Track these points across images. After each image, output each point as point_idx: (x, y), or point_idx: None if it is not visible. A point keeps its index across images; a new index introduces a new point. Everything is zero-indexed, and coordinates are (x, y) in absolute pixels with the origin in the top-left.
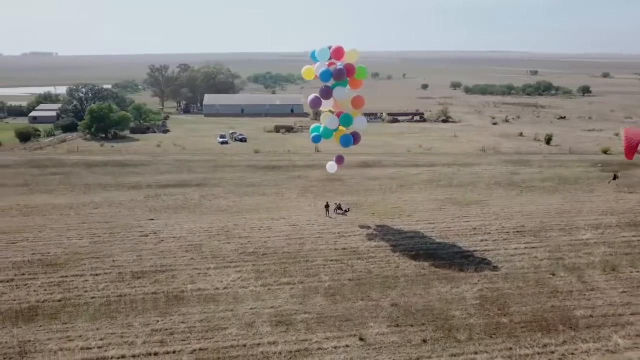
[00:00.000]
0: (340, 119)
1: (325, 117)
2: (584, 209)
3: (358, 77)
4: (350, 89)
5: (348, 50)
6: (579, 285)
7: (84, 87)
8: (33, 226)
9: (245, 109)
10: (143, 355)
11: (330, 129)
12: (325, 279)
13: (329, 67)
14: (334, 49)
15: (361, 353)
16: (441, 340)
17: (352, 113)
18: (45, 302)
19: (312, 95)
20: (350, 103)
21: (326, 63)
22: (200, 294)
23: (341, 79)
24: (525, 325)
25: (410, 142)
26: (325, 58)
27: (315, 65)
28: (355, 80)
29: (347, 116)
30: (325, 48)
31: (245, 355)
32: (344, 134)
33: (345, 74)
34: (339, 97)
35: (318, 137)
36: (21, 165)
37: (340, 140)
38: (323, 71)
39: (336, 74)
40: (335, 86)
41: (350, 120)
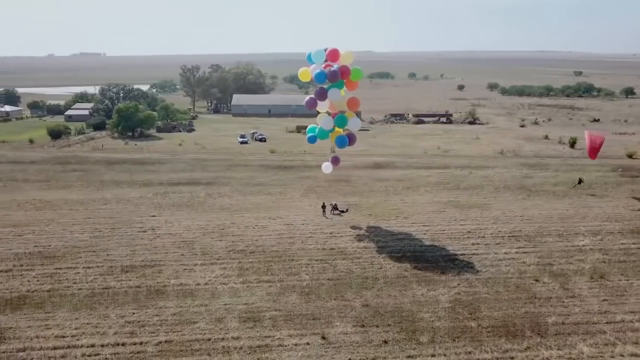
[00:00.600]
0: (335, 120)
1: (320, 118)
2: (589, 215)
3: (353, 78)
4: (348, 91)
5: (343, 53)
6: (560, 292)
7: (115, 87)
8: (42, 220)
9: (272, 109)
10: (111, 345)
11: (326, 130)
12: (305, 278)
13: (325, 69)
14: (330, 51)
15: (319, 351)
16: (402, 341)
17: (347, 114)
18: (35, 292)
19: (307, 96)
20: (346, 104)
21: (322, 65)
22: (180, 289)
23: (335, 81)
24: (492, 330)
25: (429, 144)
26: (320, 60)
27: (311, 67)
28: (351, 81)
29: (342, 117)
30: (321, 50)
31: (207, 349)
32: (340, 135)
33: (339, 76)
34: (333, 98)
35: (314, 137)
36: (47, 162)
37: (336, 141)
38: (317, 73)
39: (330, 75)
40: (331, 88)
41: (345, 122)
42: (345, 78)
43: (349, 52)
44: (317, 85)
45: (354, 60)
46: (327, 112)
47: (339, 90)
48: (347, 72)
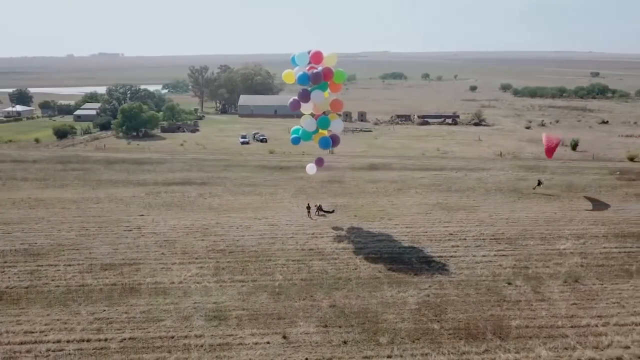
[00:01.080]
0: (318, 122)
1: (304, 119)
2: (576, 218)
3: (337, 80)
4: (331, 93)
5: (327, 55)
6: (531, 295)
7: (121, 88)
8: (33, 218)
9: (278, 110)
10: (77, 341)
11: (309, 132)
12: (278, 278)
13: (309, 71)
14: (313, 53)
15: (278, 350)
16: (362, 342)
17: (330, 116)
18: (14, 288)
19: (291, 98)
20: (329, 106)
21: (306, 67)
22: (154, 287)
23: (318, 83)
24: (454, 332)
25: (429, 145)
26: (304, 62)
27: (294, 70)
28: (335, 83)
29: (324, 119)
30: (305, 53)
31: (168, 346)
32: (323, 136)
33: (322, 78)
34: (316, 100)
35: (297, 139)
36: (48, 161)
37: (319, 143)
38: (300, 75)
39: (313, 77)
40: (314, 90)
41: (328, 123)
42: (328, 80)
43: (333, 54)
44: (301, 87)
45: (337, 62)
46: (311, 114)
47: (322, 92)
48: (330, 74)
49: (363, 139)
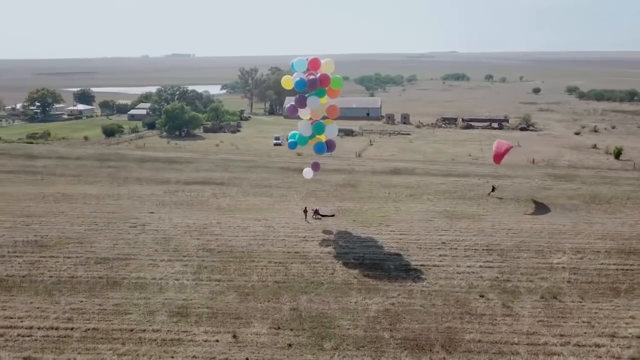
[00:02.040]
0: (314, 127)
1: (301, 124)
2: (585, 231)
3: (334, 87)
4: (329, 98)
5: (324, 62)
6: (499, 309)
7: (170, 89)
8: (54, 212)
9: None
10: (46, 328)
11: (305, 136)
12: (254, 279)
13: (307, 77)
14: (311, 60)
15: (223, 349)
16: (306, 346)
17: (326, 122)
18: (12, 276)
19: (289, 103)
20: (325, 112)
21: (305, 73)
22: (136, 282)
23: (315, 89)
24: (402, 342)
25: (462, 151)
26: (302, 69)
27: (293, 76)
28: (332, 90)
29: (319, 124)
30: (303, 59)
31: (124, 338)
32: (318, 141)
33: (318, 84)
34: (312, 106)
35: (294, 143)
36: (89, 158)
37: (314, 148)
38: (297, 81)
39: (309, 84)
40: (310, 96)
41: (323, 129)
42: (325, 86)
43: (330, 61)
44: (297, 93)
45: (334, 69)
46: (309, 119)
47: (318, 98)
48: (327, 80)
49: (397, 143)
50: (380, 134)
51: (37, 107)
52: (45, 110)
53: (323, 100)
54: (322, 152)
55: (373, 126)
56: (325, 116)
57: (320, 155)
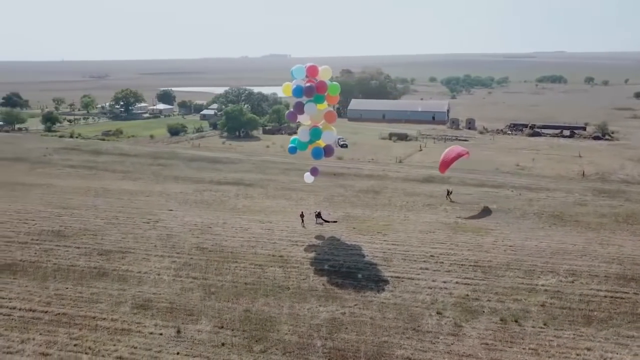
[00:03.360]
0: (311, 133)
1: (300, 130)
2: (594, 253)
3: (331, 93)
4: (328, 105)
5: (321, 69)
6: (447, 328)
7: (236, 90)
8: (89, 205)
9: (386, 115)
10: (25, 309)
11: (303, 142)
12: (226, 280)
13: (305, 84)
14: (309, 67)
15: (162, 342)
16: (237, 347)
17: (323, 127)
18: (23, 261)
19: (288, 110)
20: (323, 118)
21: (305, 80)
22: (122, 274)
23: (312, 96)
24: (329, 352)
25: (512, 160)
26: (301, 76)
27: (292, 82)
28: (330, 96)
29: (316, 130)
30: (301, 67)
31: (83, 324)
32: (316, 147)
33: (315, 91)
34: (309, 112)
35: (294, 148)
36: (144, 156)
37: (312, 153)
38: (295, 88)
39: (306, 90)
40: (308, 102)
41: (319, 134)
42: (322, 93)
43: (327, 68)
44: (295, 99)
45: (331, 75)
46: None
47: (315, 105)
48: (325, 87)
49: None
50: (436, 140)
51: (121, 106)
52: (128, 109)
53: (322, 107)
54: (319, 157)
55: (435, 130)
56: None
57: (318, 159)
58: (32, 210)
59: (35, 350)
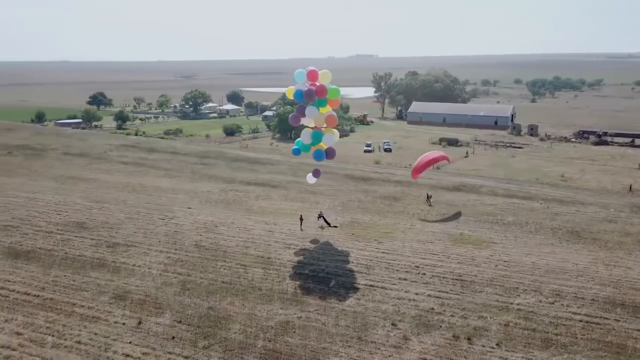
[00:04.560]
0: (312, 135)
1: (304, 132)
2: (594, 274)
3: (332, 97)
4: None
5: (321, 73)
6: (394, 340)
7: None
8: (120, 200)
9: (447, 118)
10: (21, 292)
11: (305, 144)
12: (207, 277)
13: (305, 88)
14: (309, 71)
15: (121, 331)
16: (184, 341)
17: (325, 130)
18: (41, 249)
19: (292, 113)
20: (324, 121)
21: (307, 84)
22: (118, 266)
23: (312, 99)
24: (265, 353)
25: (560, 170)
26: (302, 80)
27: (295, 86)
28: (331, 100)
29: (317, 133)
30: (302, 71)
31: (61, 309)
32: (317, 149)
33: (315, 95)
34: (310, 115)
35: (298, 150)
36: (193, 155)
37: (313, 155)
38: (296, 92)
39: (306, 94)
40: (308, 106)
41: (320, 137)
42: (322, 97)
43: (327, 72)
44: (297, 103)
45: (331, 79)
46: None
47: (316, 108)
48: (324, 91)
49: (496, 156)
50: (487, 146)
51: (190, 106)
52: (196, 109)
53: (324, 110)
54: (320, 159)
55: (493, 136)
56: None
57: (319, 161)
58: (69, 203)
59: (12, 330)
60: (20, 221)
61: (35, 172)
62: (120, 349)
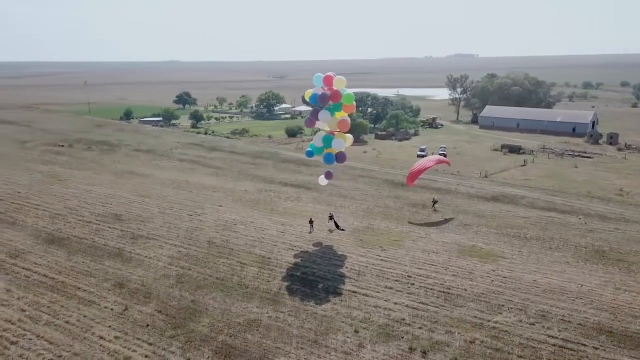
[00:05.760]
0: (323, 139)
1: (316, 135)
2: (596, 297)
3: (345, 102)
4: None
5: (336, 78)
6: (348, 347)
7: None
8: (163, 196)
9: (520, 124)
10: (40, 274)
11: (317, 147)
12: (204, 272)
13: (321, 92)
14: (325, 76)
15: (106, 315)
16: (155, 329)
17: (337, 134)
18: (74, 237)
19: (309, 116)
20: (336, 125)
21: (324, 88)
22: (131, 257)
23: (325, 103)
24: (220, 348)
25: (621, 184)
26: (319, 84)
27: (313, 90)
28: (346, 105)
29: (328, 137)
30: (320, 75)
31: (65, 290)
32: (327, 152)
33: (328, 99)
34: (323, 119)
35: (311, 152)
36: (250, 155)
37: (323, 158)
38: (311, 95)
39: (319, 98)
40: (322, 110)
41: (330, 141)
42: (336, 101)
43: (341, 78)
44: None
45: (345, 85)
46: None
47: (329, 112)
48: (338, 96)
49: (557, 166)
50: (553, 155)
51: (264, 107)
52: (270, 110)
53: (339, 115)
54: (331, 162)
55: (566, 144)
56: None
57: (330, 165)
58: (117, 196)
59: (19, 307)
60: (69, 210)
61: (102, 166)
62: (98, 331)
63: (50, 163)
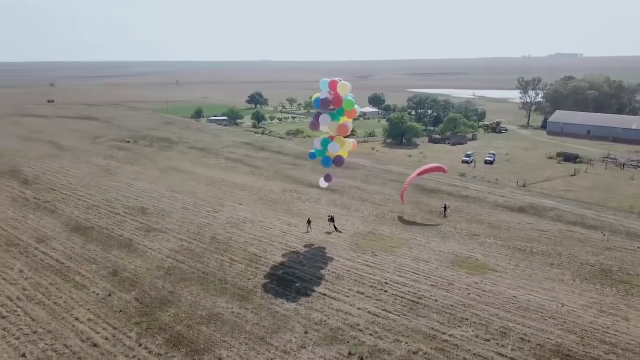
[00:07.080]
0: (321, 142)
1: (316, 139)
2: (574, 318)
3: (347, 107)
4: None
5: (340, 84)
6: (290, 346)
7: (418, 98)
8: (190, 192)
9: (592, 131)
10: (53, 259)
11: (318, 150)
12: (195, 266)
13: (324, 96)
14: (330, 82)
15: (90, 299)
16: (127, 315)
17: (337, 139)
18: (98, 227)
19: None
20: (336, 129)
21: (329, 92)
22: (137, 248)
23: (327, 108)
24: (170, 336)
25: None
26: (325, 89)
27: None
28: (347, 110)
29: (326, 140)
30: (326, 80)
31: (67, 274)
32: (326, 156)
33: (330, 104)
34: (323, 123)
35: (314, 154)
36: (293, 155)
37: (321, 162)
38: (315, 99)
39: (321, 103)
40: (323, 114)
41: (327, 145)
42: (337, 106)
43: (345, 84)
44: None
45: (349, 91)
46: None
47: (329, 117)
48: (340, 100)
49: (610, 177)
50: (613, 165)
51: None
52: None
53: (341, 119)
54: (328, 165)
55: (637, 154)
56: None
57: (328, 168)
58: (152, 191)
59: (22, 286)
60: (105, 202)
61: (152, 162)
62: (77, 313)
63: (110, 158)
